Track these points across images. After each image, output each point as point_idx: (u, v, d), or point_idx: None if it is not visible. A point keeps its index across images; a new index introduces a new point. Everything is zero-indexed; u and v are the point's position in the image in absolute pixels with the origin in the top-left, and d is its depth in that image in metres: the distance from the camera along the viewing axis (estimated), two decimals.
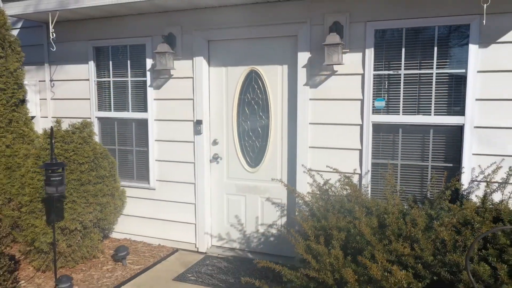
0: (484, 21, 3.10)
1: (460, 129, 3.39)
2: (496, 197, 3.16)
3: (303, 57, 3.78)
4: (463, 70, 3.33)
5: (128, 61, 4.59)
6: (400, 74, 3.53)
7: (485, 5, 2.97)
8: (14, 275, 3.25)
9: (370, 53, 3.56)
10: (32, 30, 4.96)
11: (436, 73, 3.43)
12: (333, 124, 3.77)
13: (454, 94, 3.39)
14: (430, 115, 3.47)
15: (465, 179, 3.37)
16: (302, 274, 2.47)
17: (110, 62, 4.68)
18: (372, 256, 2.26)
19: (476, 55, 3.27)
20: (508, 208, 2.69)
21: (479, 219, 2.46)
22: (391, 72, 3.55)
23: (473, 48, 3.27)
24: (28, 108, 4.61)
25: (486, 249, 2.32)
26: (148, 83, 4.46)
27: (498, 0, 3.14)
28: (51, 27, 4.31)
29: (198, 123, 4.26)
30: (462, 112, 3.36)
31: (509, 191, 3.21)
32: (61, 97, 4.98)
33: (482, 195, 2.90)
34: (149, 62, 4.44)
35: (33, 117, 4.92)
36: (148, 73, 4.45)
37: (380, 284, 2.16)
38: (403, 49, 3.50)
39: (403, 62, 3.51)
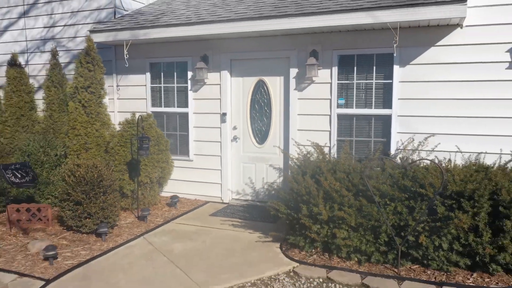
0: (394, 54, 5.20)
1: (389, 117, 5.47)
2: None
3: (293, 72, 5.88)
4: (391, 81, 5.42)
5: (175, 73, 6.68)
6: (353, 83, 5.62)
7: (394, 44, 5.07)
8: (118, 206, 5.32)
9: (335, 69, 5.65)
10: (104, 50, 7.03)
11: (375, 82, 5.52)
12: (312, 115, 5.86)
13: (385, 95, 5.48)
14: (372, 108, 5.55)
15: (392, 148, 5.45)
16: (288, 205, 4.54)
17: (162, 73, 6.77)
18: (325, 179, 4.33)
19: (398, 71, 5.36)
20: (414, 162, 4.75)
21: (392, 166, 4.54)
22: (348, 81, 5.64)
23: (395, 67, 5.36)
24: (107, 105, 6.70)
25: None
26: (189, 88, 6.56)
27: (407, 40, 5.24)
28: (125, 51, 6.41)
29: (223, 115, 6.36)
30: (390, 106, 5.44)
31: (417, 154, 5.27)
32: (124, 97, 7.07)
33: (401, 156, 4.97)
34: (189, 74, 6.53)
35: None
36: (189, 81, 6.55)
37: (329, 193, 4.24)
38: (355, 67, 5.59)
39: (355, 75, 5.60)
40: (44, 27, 7.65)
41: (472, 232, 3.86)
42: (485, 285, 3.72)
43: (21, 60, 7.70)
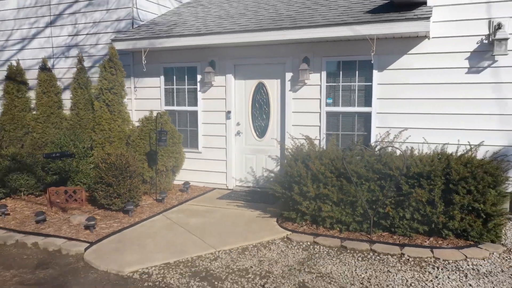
0: (371, 61, 6.19)
1: (370, 114, 6.45)
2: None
3: (288, 75, 6.86)
4: (370, 83, 6.40)
5: (185, 76, 7.67)
6: (339, 85, 6.60)
7: (372, 53, 6.05)
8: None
9: (324, 73, 6.63)
10: (123, 56, 8.00)
11: (357, 84, 6.50)
12: (305, 112, 6.84)
13: (366, 96, 6.46)
14: (355, 106, 6.54)
15: (372, 140, 6.43)
16: (283, 187, 5.51)
17: (174, 77, 7.76)
18: (313, 163, 5.30)
19: (376, 75, 6.34)
20: (391, 154, 5.72)
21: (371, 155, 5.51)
22: (335, 83, 6.62)
23: (375, 72, 6.34)
24: (127, 104, 7.69)
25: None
26: (198, 89, 7.54)
27: (384, 49, 6.22)
28: (143, 57, 7.41)
29: (228, 112, 7.34)
30: (370, 105, 6.42)
31: (392, 145, 6.24)
32: (140, 97, 8.06)
33: (379, 147, 5.94)
34: (198, 77, 7.52)
35: None
36: (198, 83, 7.53)
37: (316, 175, 5.22)
38: (341, 72, 6.57)
39: (341, 78, 6.58)
40: (69, 35, 8.64)
41: (429, 205, 4.85)
42: (438, 245, 4.71)
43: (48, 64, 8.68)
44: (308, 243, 4.90)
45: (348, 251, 4.70)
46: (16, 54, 9.17)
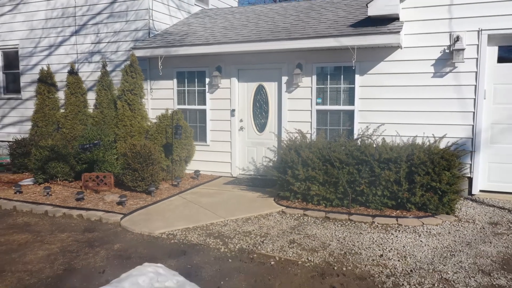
0: (353, 67, 7.37)
1: (353, 111, 7.63)
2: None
3: (284, 79, 8.05)
4: (353, 86, 7.58)
5: (195, 79, 8.85)
6: (327, 87, 7.78)
7: (353, 60, 7.23)
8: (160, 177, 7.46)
9: (314, 77, 7.81)
10: (141, 62, 9.17)
11: (342, 86, 7.68)
12: (298, 110, 8.02)
13: (350, 96, 7.64)
14: (341, 105, 7.71)
15: (355, 134, 7.60)
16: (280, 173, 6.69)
17: (185, 79, 8.94)
18: (303, 151, 6.47)
19: (358, 79, 7.52)
20: (368, 144, 6.89)
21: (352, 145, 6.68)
22: (323, 86, 7.80)
23: (357, 76, 7.52)
24: (144, 103, 8.87)
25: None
26: (206, 90, 8.73)
27: (364, 57, 7.39)
28: (159, 63, 8.60)
29: (233, 110, 8.52)
30: (353, 104, 7.60)
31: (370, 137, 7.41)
32: (156, 98, 9.24)
33: (360, 140, 7.10)
34: (207, 80, 8.70)
35: None
36: (206, 85, 8.71)
37: (305, 161, 6.39)
38: (328, 76, 7.75)
39: (328, 81, 7.76)
40: (92, 43, 9.82)
41: (396, 184, 6.02)
42: (403, 216, 5.88)
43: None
44: (299, 215, 6.09)
45: (331, 220, 5.88)
46: (44, 59, 10.35)
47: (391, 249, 4.80)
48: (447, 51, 6.98)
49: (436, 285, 3.94)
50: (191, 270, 4.28)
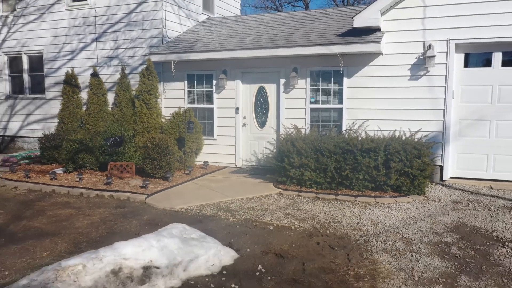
0: (341, 71, 8.54)
1: (341, 109, 8.80)
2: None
3: (282, 81, 9.22)
4: (342, 87, 8.74)
5: (204, 81, 10.03)
6: (319, 88, 8.95)
7: (341, 65, 8.40)
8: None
9: (308, 79, 8.98)
10: (155, 65, 10.34)
11: (332, 88, 8.85)
12: (294, 108, 9.19)
13: (339, 96, 8.80)
14: (331, 104, 8.88)
15: (344, 128, 8.76)
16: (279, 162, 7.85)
17: (195, 81, 10.12)
18: (298, 143, 7.64)
19: (346, 81, 8.69)
20: (353, 136, 8.04)
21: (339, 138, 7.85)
22: (316, 87, 8.97)
23: (345, 79, 8.69)
24: (159, 102, 10.05)
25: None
26: (214, 91, 9.91)
27: (351, 62, 8.56)
28: (172, 67, 9.78)
29: (237, 109, 9.70)
30: (342, 103, 8.77)
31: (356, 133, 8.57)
32: (168, 97, 10.41)
33: (347, 134, 8.26)
34: (214, 82, 9.88)
35: None
36: (214, 87, 9.89)
37: (299, 151, 7.56)
38: (320, 78, 8.92)
39: (320, 83, 8.94)
40: (110, 49, 11.00)
41: (375, 170, 7.20)
42: (380, 196, 7.05)
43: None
44: (294, 196, 7.27)
45: (320, 199, 7.06)
46: (67, 63, 11.53)
47: (367, 219, 5.98)
48: (421, 57, 8.14)
49: (397, 241, 5.12)
50: (207, 232, 5.46)
